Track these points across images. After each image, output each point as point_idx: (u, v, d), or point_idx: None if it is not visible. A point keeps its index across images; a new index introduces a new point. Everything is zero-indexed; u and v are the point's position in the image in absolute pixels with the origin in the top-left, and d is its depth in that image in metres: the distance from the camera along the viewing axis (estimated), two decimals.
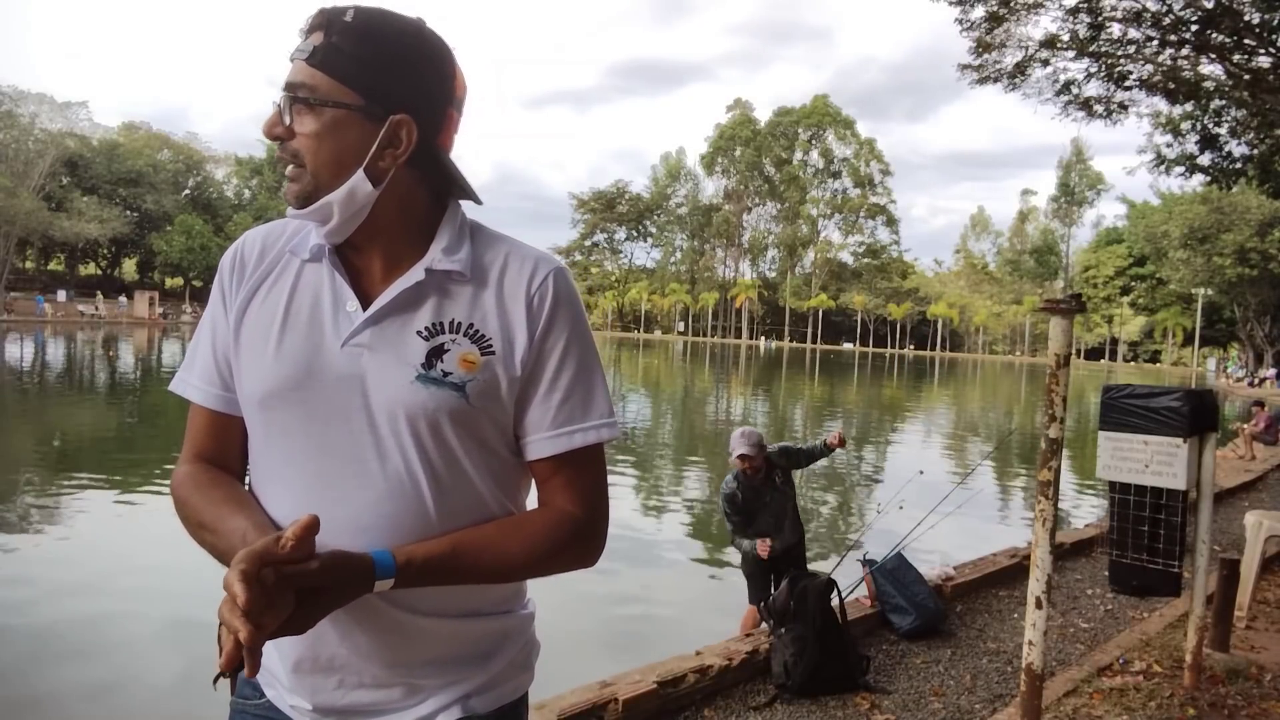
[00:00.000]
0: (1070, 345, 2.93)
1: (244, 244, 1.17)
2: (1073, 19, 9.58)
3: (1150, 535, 4.05)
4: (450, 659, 1.12)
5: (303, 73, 1.03)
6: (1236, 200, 45.62)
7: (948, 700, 4.01)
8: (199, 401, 1.15)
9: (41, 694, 4.45)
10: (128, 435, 13.88)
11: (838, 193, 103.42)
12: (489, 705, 1.14)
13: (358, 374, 1.06)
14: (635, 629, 5.85)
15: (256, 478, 1.12)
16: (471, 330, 1.08)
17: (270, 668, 1.14)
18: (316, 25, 1.04)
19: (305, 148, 1.04)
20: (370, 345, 1.07)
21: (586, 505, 1.14)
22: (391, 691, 1.10)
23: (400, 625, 1.07)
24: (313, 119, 1.03)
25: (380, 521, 1.05)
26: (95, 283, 66.21)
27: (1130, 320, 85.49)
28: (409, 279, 1.08)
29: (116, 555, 6.94)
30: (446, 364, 1.06)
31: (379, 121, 1.04)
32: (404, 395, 1.05)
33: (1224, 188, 13.32)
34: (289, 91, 1.04)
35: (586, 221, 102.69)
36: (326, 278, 1.11)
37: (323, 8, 1.05)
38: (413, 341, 1.07)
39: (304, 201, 1.06)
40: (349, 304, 1.08)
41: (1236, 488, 10.75)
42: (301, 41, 1.05)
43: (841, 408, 26.44)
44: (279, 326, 1.10)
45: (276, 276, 1.13)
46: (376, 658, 1.08)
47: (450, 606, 1.10)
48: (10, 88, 52.91)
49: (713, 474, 12.69)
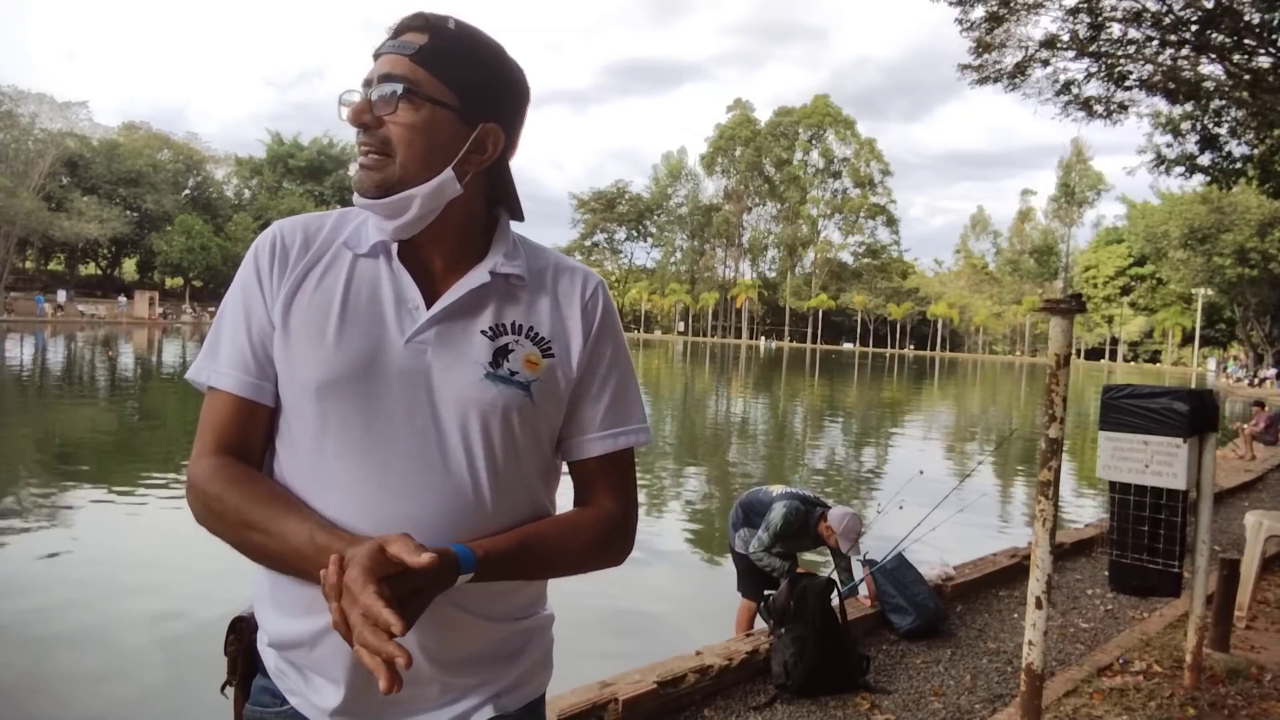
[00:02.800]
0: (1070, 345, 2.93)
1: (282, 232, 1.14)
2: (1073, 19, 9.57)
3: (1150, 535, 4.05)
4: (486, 657, 1.14)
5: (404, 66, 1.05)
6: (1236, 200, 45.57)
7: (948, 700, 4.01)
8: (229, 389, 1.09)
9: (35, 694, 4.45)
10: (126, 435, 13.88)
11: (838, 193, 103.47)
12: (517, 703, 1.17)
13: (422, 370, 1.07)
14: (635, 629, 5.85)
15: (296, 471, 1.08)
16: (532, 332, 1.13)
17: (312, 669, 1.10)
18: (417, 26, 1.07)
19: (399, 138, 1.06)
20: (434, 343, 1.09)
21: (625, 504, 1.22)
22: (429, 689, 1.10)
23: (451, 622, 1.08)
24: (411, 111, 1.05)
25: (439, 517, 1.05)
26: (95, 283, 66.24)
27: (1130, 320, 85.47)
28: (474, 279, 1.12)
29: (113, 555, 6.93)
30: (512, 363, 1.10)
31: (470, 126, 1.08)
32: (474, 393, 1.08)
33: (1224, 188, 13.30)
34: (390, 81, 1.05)
35: (587, 221, 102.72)
36: (385, 273, 1.11)
37: (422, 12, 1.09)
38: (478, 341, 1.10)
39: (384, 191, 1.06)
40: (412, 301, 1.10)
41: (1236, 488, 10.75)
42: (395, 38, 1.08)
43: (842, 408, 26.44)
44: (337, 317, 1.08)
45: (326, 267, 1.12)
46: (424, 654, 1.07)
47: (493, 608, 1.12)
48: (10, 88, 52.88)
49: (713, 474, 12.69)
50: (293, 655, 1.11)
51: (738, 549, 4.96)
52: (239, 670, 1.19)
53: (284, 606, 1.10)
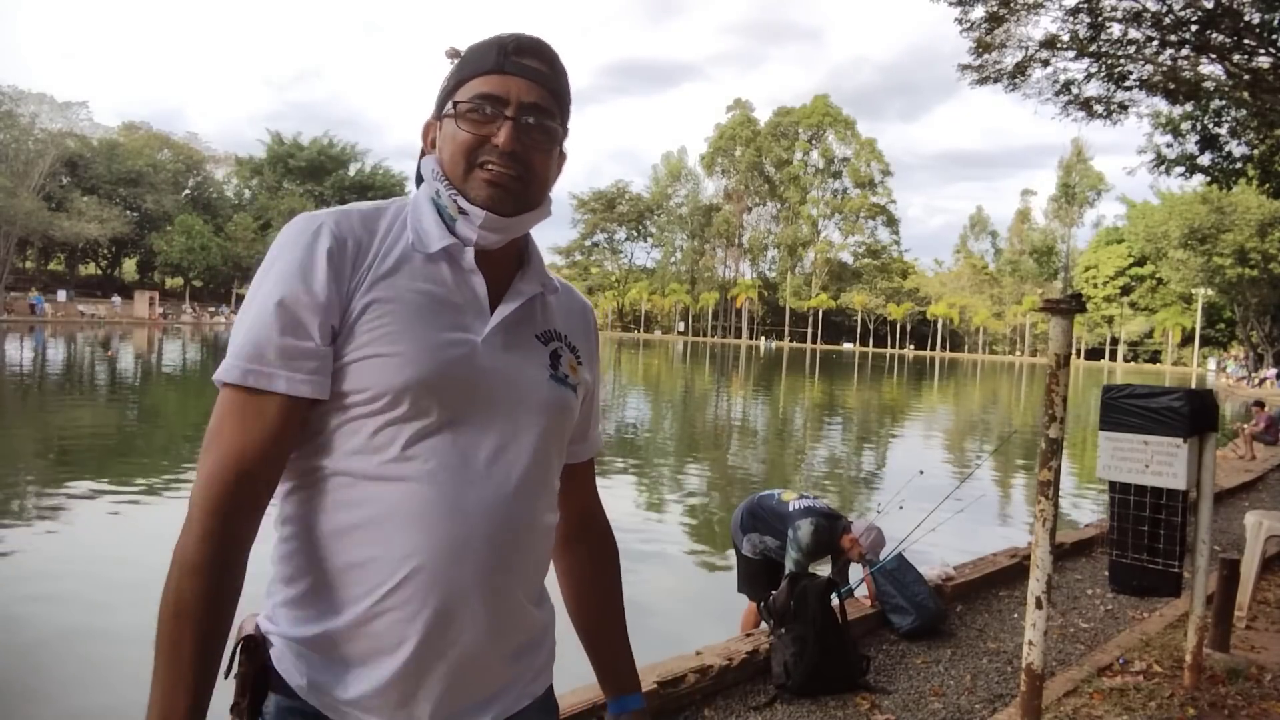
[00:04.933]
0: (1070, 345, 2.93)
1: (338, 227, 1.08)
2: (1073, 19, 9.57)
3: (1150, 535, 4.06)
4: (531, 644, 1.17)
5: (548, 100, 1.10)
6: (1236, 200, 45.61)
7: (948, 700, 4.01)
8: (290, 391, 1.02)
9: (27, 701, 4.45)
10: (124, 434, 13.89)
11: (838, 193, 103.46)
12: (540, 688, 1.21)
13: (500, 369, 1.10)
14: (635, 629, 5.83)
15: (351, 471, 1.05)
16: (566, 339, 1.21)
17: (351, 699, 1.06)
18: (535, 52, 1.11)
19: (541, 166, 1.11)
20: (504, 345, 1.12)
21: (599, 503, 1.38)
22: (493, 682, 1.12)
23: (521, 611, 1.14)
24: (548, 140, 1.11)
25: (505, 517, 1.08)
26: (95, 283, 66.22)
27: (1130, 320, 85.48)
28: (529, 288, 1.17)
29: (111, 554, 6.93)
30: (564, 367, 1.18)
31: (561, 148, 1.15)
32: (545, 393, 1.14)
33: (1224, 188, 13.30)
34: (543, 115, 1.09)
35: (587, 221, 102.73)
36: (452, 276, 1.11)
37: (534, 36, 1.12)
38: (535, 345, 1.16)
39: (519, 211, 1.10)
40: (481, 305, 1.12)
41: (1236, 488, 10.75)
42: (519, 59, 1.10)
43: (842, 408, 26.45)
44: (412, 318, 1.06)
45: (395, 267, 1.09)
46: (494, 647, 1.10)
47: (534, 593, 1.17)
48: (10, 88, 52.90)
49: (713, 474, 12.69)
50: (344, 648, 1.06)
51: (745, 552, 4.95)
52: (249, 692, 1.10)
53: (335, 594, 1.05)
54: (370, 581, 1.04)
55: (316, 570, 1.07)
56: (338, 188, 72.37)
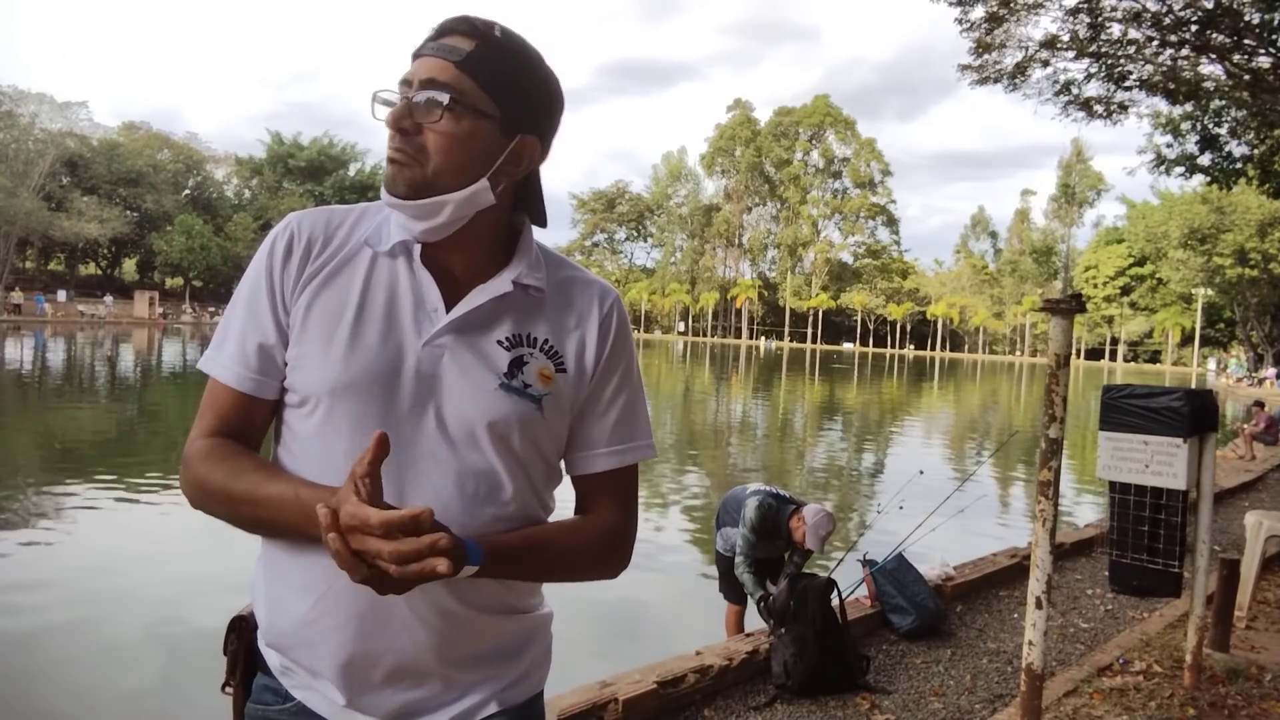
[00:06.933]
0: (1070, 345, 2.93)
1: (298, 227, 1.12)
2: (1073, 19, 9.57)
3: (1150, 535, 4.06)
4: (491, 654, 1.15)
5: (449, 73, 1.03)
6: (1236, 200, 45.62)
7: (948, 700, 4.01)
8: (230, 383, 1.10)
9: (30, 694, 4.45)
10: (123, 434, 13.88)
11: (838, 193, 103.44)
12: (518, 698, 1.18)
13: (437, 374, 1.08)
14: (635, 629, 5.85)
15: (302, 467, 1.08)
16: (547, 346, 1.13)
17: (309, 667, 1.10)
18: (462, 31, 1.05)
19: (435, 146, 1.04)
20: (451, 347, 1.09)
21: (627, 517, 1.24)
22: (433, 686, 1.11)
23: (456, 618, 1.09)
24: (453, 121, 1.03)
25: (446, 518, 1.04)
26: (95, 283, 66.19)
27: (1130, 320, 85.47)
28: (496, 288, 1.11)
29: (109, 554, 6.93)
30: (526, 376, 1.10)
31: (509, 137, 1.07)
32: (486, 401, 1.08)
33: (1224, 188, 13.29)
34: (434, 88, 1.03)
35: (587, 221, 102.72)
36: (405, 275, 1.10)
37: (467, 16, 1.07)
38: (494, 350, 1.10)
39: (415, 192, 1.05)
40: (432, 303, 1.09)
41: (1236, 488, 10.75)
42: (437, 40, 1.06)
43: (842, 408, 26.44)
44: (353, 317, 1.08)
45: (343, 264, 1.11)
46: (430, 651, 1.08)
47: (496, 603, 1.13)
48: (10, 88, 52.93)
49: (713, 474, 12.68)
50: (295, 655, 1.11)
51: (718, 548, 4.95)
52: (239, 669, 1.18)
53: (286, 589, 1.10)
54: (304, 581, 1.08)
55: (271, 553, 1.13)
56: (338, 188, 72.30)
